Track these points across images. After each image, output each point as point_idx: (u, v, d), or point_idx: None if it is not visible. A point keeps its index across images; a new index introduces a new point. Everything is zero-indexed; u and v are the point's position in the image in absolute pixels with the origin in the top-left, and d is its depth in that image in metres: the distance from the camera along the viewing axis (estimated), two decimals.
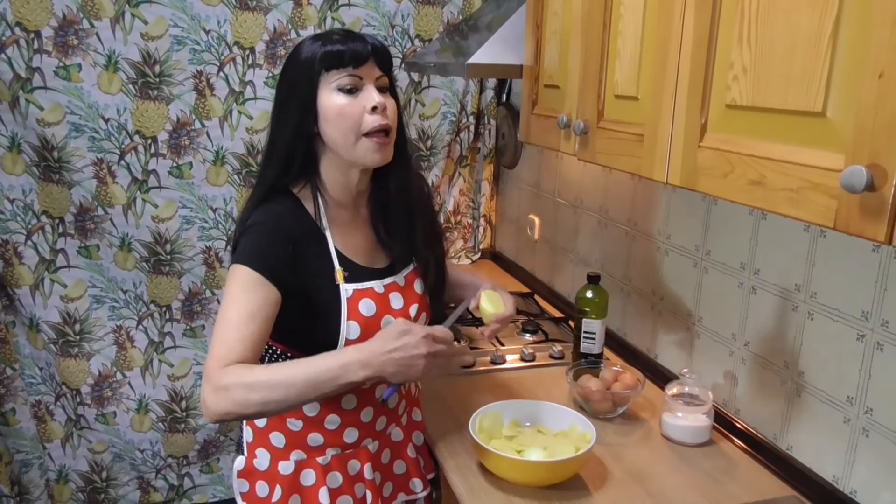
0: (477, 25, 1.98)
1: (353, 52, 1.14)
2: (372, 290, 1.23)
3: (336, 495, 1.28)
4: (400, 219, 1.28)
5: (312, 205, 1.22)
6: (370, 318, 1.21)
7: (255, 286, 1.10)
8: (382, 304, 1.23)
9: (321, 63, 1.15)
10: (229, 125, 2.28)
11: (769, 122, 0.83)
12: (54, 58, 2.07)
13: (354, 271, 1.22)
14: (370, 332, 1.16)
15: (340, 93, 1.15)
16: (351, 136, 1.16)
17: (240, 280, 1.11)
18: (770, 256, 1.34)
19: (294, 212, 1.20)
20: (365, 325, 1.20)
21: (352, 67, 1.15)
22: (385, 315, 1.23)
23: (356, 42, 1.15)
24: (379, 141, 1.17)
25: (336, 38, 1.16)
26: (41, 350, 2.32)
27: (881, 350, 1.11)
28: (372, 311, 1.21)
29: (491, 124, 2.62)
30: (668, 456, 1.37)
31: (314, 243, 1.20)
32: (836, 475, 1.21)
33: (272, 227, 1.16)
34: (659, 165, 1.05)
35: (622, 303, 1.86)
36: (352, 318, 1.19)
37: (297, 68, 1.18)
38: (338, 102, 1.15)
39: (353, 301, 1.20)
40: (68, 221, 2.23)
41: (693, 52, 0.95)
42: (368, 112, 1.15)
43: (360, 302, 1.21)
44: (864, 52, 0.69)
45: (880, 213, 0.68)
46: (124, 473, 2.51)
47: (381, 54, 1.18)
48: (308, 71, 1.16)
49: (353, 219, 1.27)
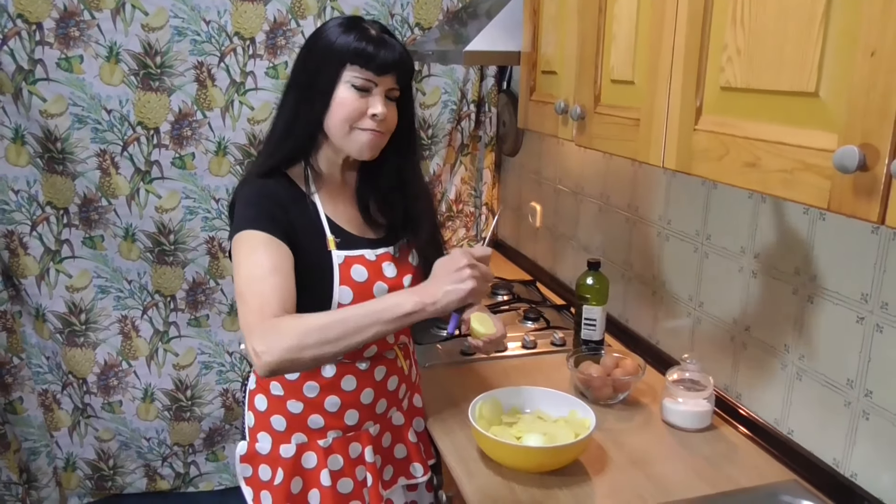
0: (476, 12, 1.97)
1: (382, 62, 1.16)
2: (363, 258, 1.25)
3: (337, 477, 1.29)
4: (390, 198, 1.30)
5: (303, 178, 1.25)
6: (362, 284, 1.23)
7: (269, 244, 1.13)
8: (375, 271, 1.25)
9: (350, 58, 1.16)
10: (231, 116, 2.28)
11: (763, 104, 0.83)
12: (56, 49, 2.08)
13: (346, 239, 1.25)
14: (362, 297, 1.19)
15: (353, 89, 1.17)
16: (346, 126, 1.19)
17: (251, 242, 1.13)
18: (770, 240, 1.34)
19: (285, 184, 1.24)
20: (357, 291, 1.22)
21: (373, 73, 1.17)
22: (377, 281, 1.25)
23: (388, 51, 1.17)
24: (369, 137, 1.19)
25: (370, 37, 1.17)
26: (47, 339, 2.34)
27: (881, 332, 1.11)
28: (364, 277, 1.23)
29: (492, 112, 2.61)
30: (668, 441, 1.38)
31: (305, 212, 1.23)
32: (837, 458, 1.21)
33: (268, 194, 1.20)
34: (655, 149, 1.05)
35: (623, 289, 1.86)
36: (344, 284, 1.21)
37: (323, 55, 1.18)
38: (346, 96, 1.17)
39: (344, 267, 1.22)
40: (73, 212, 2.25)
41: (687, 34, 0.95)
42: (369, 116, 1.18)
43: (352, 268, 1.23)
44: (855, 31, 0.68)
45: (873, 193, 0.67)
46: (131, 461, 2.54)
47: (403, 69, 1.20)
48: (335, 62, 1.17)
49: (342, 191, 1.30)
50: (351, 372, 1.27)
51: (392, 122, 1.23)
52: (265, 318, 1.04)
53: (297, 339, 1.02)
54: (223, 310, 2.47)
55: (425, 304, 1.05)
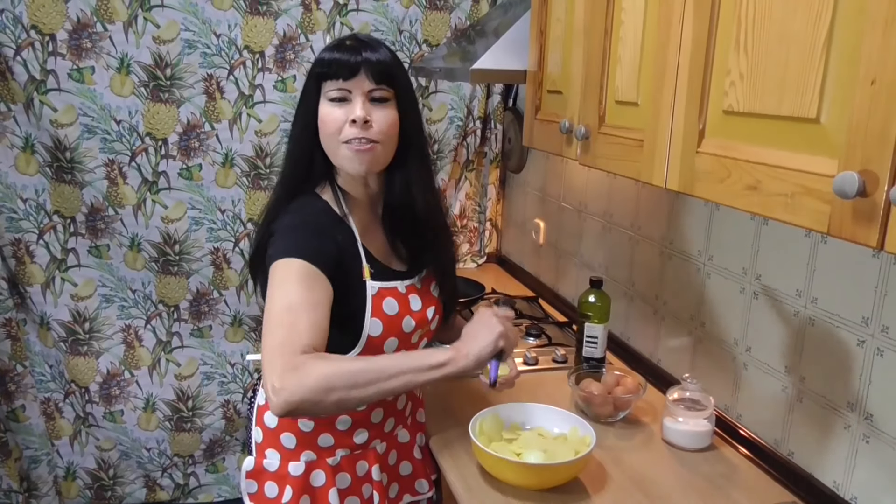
0: (484, 30, 2.00)
1: (341, 65, 1.16)
2: (396, 290, 1.24)
3: (344, 496, 1.29)
4: (405, 226, 1.27)
5: (335, 203, 1.23)
6: (393, 317, 1.22)
7: (314, 279, 1.09)
8: (404, 304, 1.25)
9: (321, 72, 1.18)
10: (238, 128, 2.30)
11: (765, 128, 0.84)
12: (68, 60, 2.11)
13: (378, 270, 1.23)
14: (392, 330, 1.20)
15: (331, 102, 1.18)
16: (332, 143, 1.19)
17: (296, 272, 1.08)
18: (771, 262, 1.34)
19: (324, 210, 1.22)
20: (387, 324, 1.21)
21: (341, 80, 1.16)
22: (406, 316, 1.24)
23: (353, 54, 1.16)
24: (355, 149, 1.17)
25: (339, 46, 1.18)
26: (51, 348, 2.35)
27: (881, 356, 1.11)
28: (395, 311, 1.23)
29: (497, 129, 2.63)
30: (668, 460, 1.38)
31: (345, 237, 1.21)
32: (837, 481, 1.21)
33: (316, 222, 1.18)
34: (658, 170, 1.06)
35: (625, 307, 1.86)
36: (375, 315, 1.20)
37: (308, 77, 1.22)
38: (326, 111, 1.18)
39: (377, 298, 1.21)
40: (79, 221, 2.27)
41: (691, 58, 0.96)
42: (349, 124, 1.16)
43: (385, 300, 1.22)
44: (856, 59, 0.69)
45: (872, 219, 0.68)
46: (131, 471, 2.54)
47: (373, 66, 1.16)
48: (313, 80, 1.20)
49: (373, 220, 1.28)
50: None
51: (384, 127, 1.18)
52: (294, 354, 1.00)
53: (326, 380, 0.98)
54: (226, 321, 2.48)
55: (459, 354, 1.08)
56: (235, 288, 2.44)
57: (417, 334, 1.29)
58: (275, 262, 1.11)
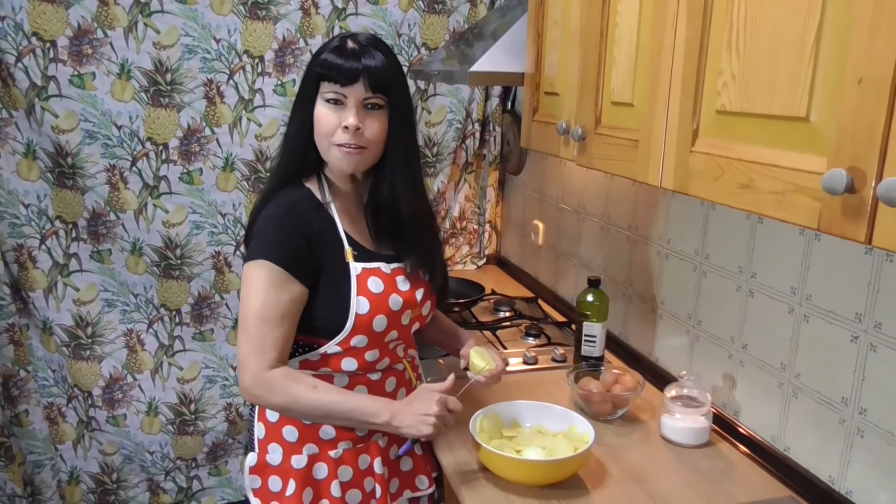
0: (482, 33, 2.01)
1: (341, 71, 1.19)
2: (379, 270, 1.29)
3: (347, 489, 1.31)
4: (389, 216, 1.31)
5: (319, 191, 1.28)
6: (378, 295, 1.26)
7: (283, 284, 1.19)
8: (390, 284, 1.29)
9: (320, 73, 1.21)
10: (238, 132, 2.32)
11: (757, 127, 0.86)
12: (69, 66, 2.12)
13: (362, 252, 1.28)
14: (379, 308, 1.24)
15: (327, 103, 1.21)
16: (324, 142, 1.23)
17: (265, 277, 1.19)
18: (766, 260, 1.36)
19: (306, 197, 1.27)
20: (374, 302, 1.25)
21: (339, 85, 1.19)
22: (392, 293, 1.28)
23: (353, 60, 1.19)
24: (346, 151, 1.22)
25: (339, 49, 1.21)
26: (54, 353, 2.36)
27: (874, 351, 1.13)
28: (380, 289, 1.27)
29: (496, 131, 2.65)
30: (666, 457, 1.39)
31: (325, 225, 1.26)
32: (833, 475, 1.22)
33: (286, 216, 1.23)
34: (653, 170, 1.08)
35: (624, 306, 1.88)
36: (361, 294, 1.24)
37: (306, 74, 1.25)
38: (321, 112, 1.22)
39: (361, 278, 1.25)
40: (81, 226, 2.28)
41: (685, 59, 0.98)
42: (341, 129, 1.20)
43: (369, 279, 1.26)
44: (844, 59, 0.71)
45: (860, 215, 0.70)
46: (134, 475, 2.55)
47: (373, 75, 1.19)
48: (312, 79, 1.23)
49: (357, 206, 1.33)
50: (363, 382, 1.30)
51: (375, 135, 1.22)
52: (263, 366, 1.19)
53: (285, 405, 1.21)
54: (227, 324, 2.49)
55: (391, 424, 1.23)
56: (237, 291, 2.45)
57: (407, 315, 1.32)
58: (247, 262, 1.22)
